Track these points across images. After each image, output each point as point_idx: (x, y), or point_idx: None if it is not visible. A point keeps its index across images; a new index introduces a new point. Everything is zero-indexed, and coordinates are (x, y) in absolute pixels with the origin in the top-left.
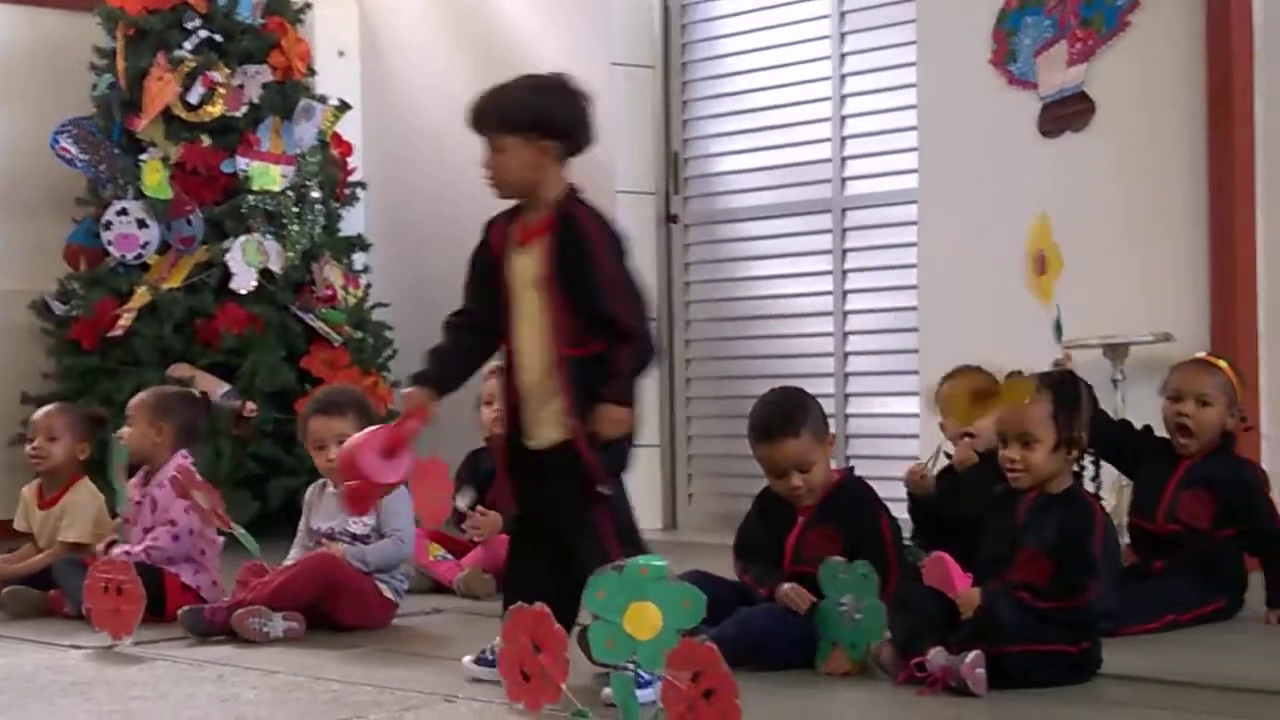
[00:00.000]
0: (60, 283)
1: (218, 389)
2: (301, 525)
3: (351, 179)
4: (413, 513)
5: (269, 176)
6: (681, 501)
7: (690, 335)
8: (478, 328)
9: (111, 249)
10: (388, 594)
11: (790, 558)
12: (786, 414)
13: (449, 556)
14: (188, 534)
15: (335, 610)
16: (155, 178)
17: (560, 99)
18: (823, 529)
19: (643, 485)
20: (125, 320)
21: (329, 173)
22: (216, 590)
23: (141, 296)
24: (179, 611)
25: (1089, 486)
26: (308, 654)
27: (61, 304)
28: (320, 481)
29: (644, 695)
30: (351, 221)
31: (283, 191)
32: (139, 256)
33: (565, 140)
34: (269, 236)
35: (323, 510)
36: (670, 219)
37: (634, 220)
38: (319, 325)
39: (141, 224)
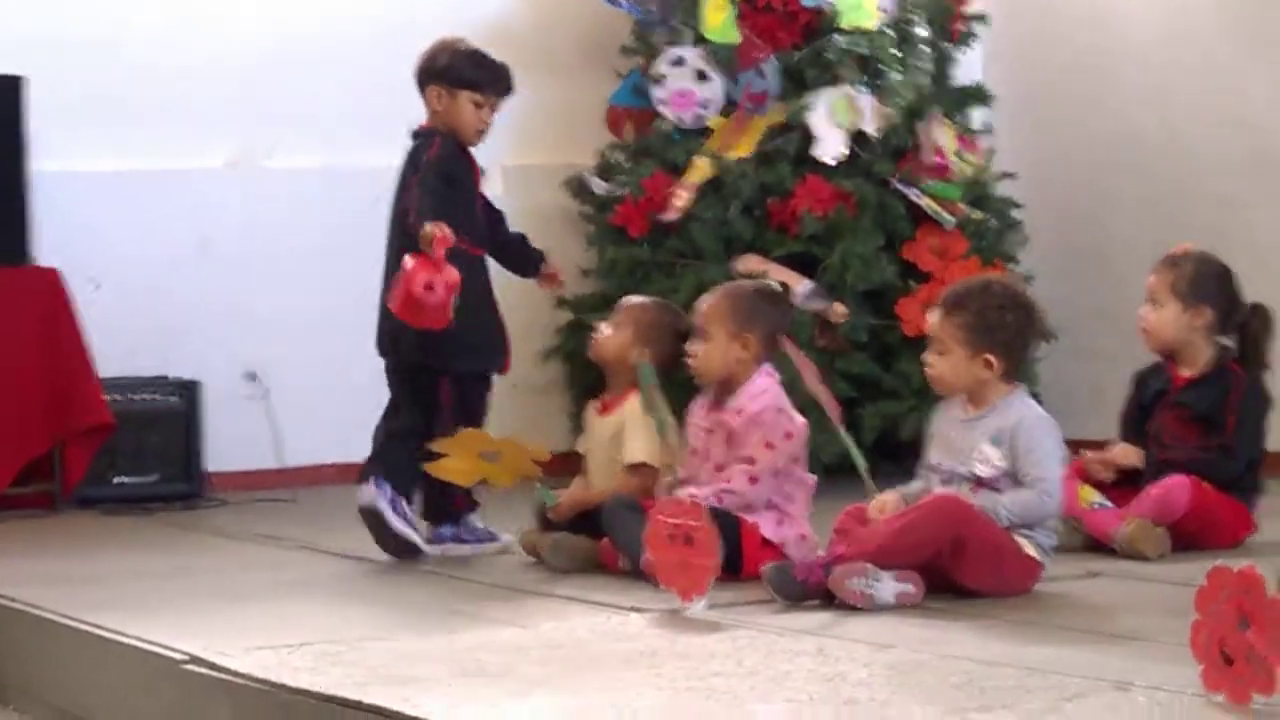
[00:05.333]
0: (600, 154)
1: (798, 287)
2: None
3: (967, 10)
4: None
5: (862, 11)
6: None
7: None
8: None
9: (664, 110)
10: (1030, 551)
11: None
12: None
13: (1107, 504)
14: (769, 476)
15: (960, 569)
16: (718, 17)
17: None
18: None
19: None
20: (681, 201)
21: (939, 3)
22: (805, 545)
23: (701, 170)
24: (762, 569)
25: None
26: (928, 625)
27: (602, 181)
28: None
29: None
30: (967, 68)
31: (880, 30)
32: (699, 119)
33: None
34: (862, 89)
35: (946, 442)
36: None
37: None
38: (926, 203)
39: (701, 76)
